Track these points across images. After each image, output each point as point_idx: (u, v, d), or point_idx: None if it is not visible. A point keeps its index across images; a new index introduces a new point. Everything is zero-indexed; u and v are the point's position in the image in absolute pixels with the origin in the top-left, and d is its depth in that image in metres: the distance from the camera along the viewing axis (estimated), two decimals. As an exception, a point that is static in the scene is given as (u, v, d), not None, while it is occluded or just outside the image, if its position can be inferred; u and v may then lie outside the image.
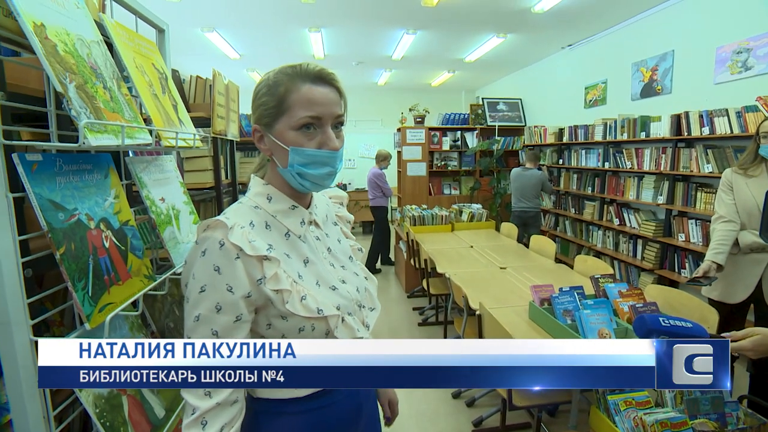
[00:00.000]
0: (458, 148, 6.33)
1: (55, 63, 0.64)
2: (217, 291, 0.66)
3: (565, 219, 5.10)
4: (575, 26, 4.51)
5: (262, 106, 0.73)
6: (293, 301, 0.70)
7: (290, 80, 0.71)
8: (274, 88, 0.72)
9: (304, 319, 0.71)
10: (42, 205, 0.68)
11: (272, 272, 0.69)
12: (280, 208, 0.76)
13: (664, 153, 3.51)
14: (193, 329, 0.66)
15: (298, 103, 0.70)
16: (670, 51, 3.73)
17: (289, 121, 0.71)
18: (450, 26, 4.55)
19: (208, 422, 0.64)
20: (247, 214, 0.73)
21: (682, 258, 3.39)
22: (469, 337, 2.30)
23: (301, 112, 0.70)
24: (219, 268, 0.65)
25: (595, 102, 4.85)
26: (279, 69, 0.74)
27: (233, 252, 0.66)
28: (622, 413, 1.45)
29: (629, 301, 1.78)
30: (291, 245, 0.76)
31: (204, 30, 4.47)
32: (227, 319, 0.66)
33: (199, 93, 2.00)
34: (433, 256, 3.11)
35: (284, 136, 0.71)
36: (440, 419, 2.34)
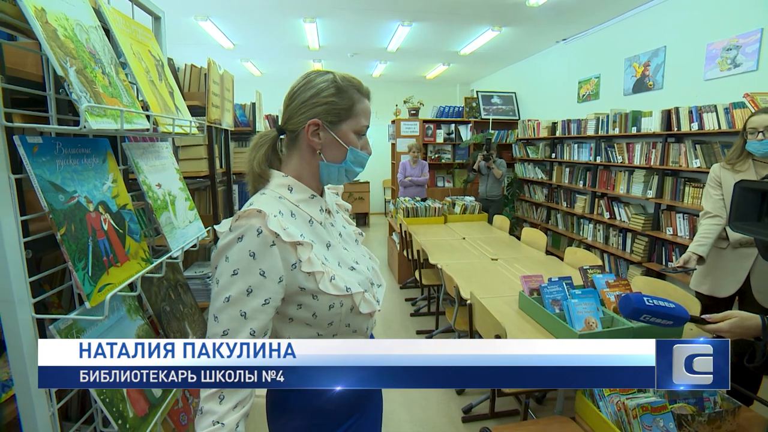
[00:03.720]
0: (452, 141, 6.35)
1: (56, 47, 0.65)
2: (251, 275, 0.70)
3: (556, 212, 5.16)
4: (569, 20, 4.53)
5: (329, 104, 0.80)
6: (325, 281, 0.76)
7: (356, 92, 0.82)
8: (345, 93, 0.81)
9: (334, 297, 0.77)
10: (43, 187, 0.69)
11: (306, 256, 0.75)
12: (301, 197, 0.83)
13: (654, 148, 3.56)
14: (222, 309, 0.70)
15: (362, 113, 0.83)
16: (662, 47, 3.77)
17: (355, 125, 0.82)
18: (445, 18, 4.55)
19: (225, 397, 0.67)
20: (274, 204, 0.78)
21: (669, 251, 3.46)
22: (459, 327, 2.34)
23: (364, 120, 0.83)
24: (255, 253, 0.70)
25: (588, 96, 4.88)
26: (341, 75, 0.82)
27: (270, 238, 0.71)
28: (606, 398, 1.50)
29: (616, 291, 1.83)
30: (314, 231, 0.82)
31: (198, 18, 4.42)
32: (257, 301, 0.71)
33: (194, 82, 2.00)
34: (426, 247, 3.14)
35: (347, 136, 0.82)
36: (431, 406, 2.39)
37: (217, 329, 0.69)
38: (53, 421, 0.74)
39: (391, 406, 2.37)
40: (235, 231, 0.71)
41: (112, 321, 0.90)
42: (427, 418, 2.28)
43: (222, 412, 0.66)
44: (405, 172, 5.08)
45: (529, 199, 5.83)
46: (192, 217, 1.21)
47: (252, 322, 0.70)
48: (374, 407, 0.97)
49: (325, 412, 0.82)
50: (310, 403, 0.81)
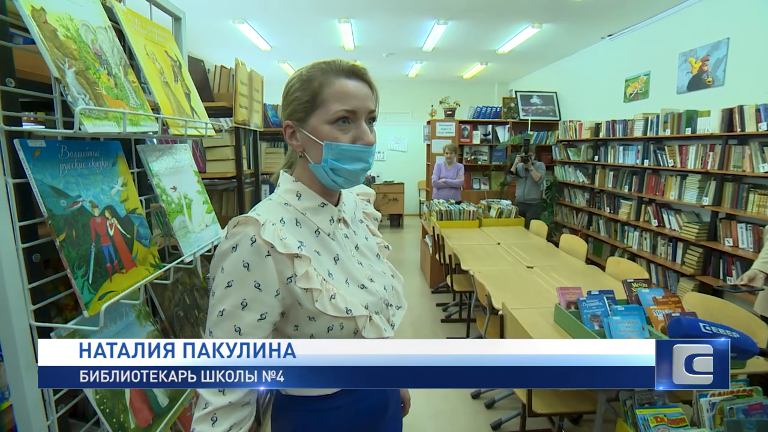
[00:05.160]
0: (489, 143, 6.17)
1: (54, 48, 0.63)
2: (245, 287, 0.65)
3: (598, 218, 4.88)
4: (617, 15, 4.25)
5: (295, 101, 0.72)
6: (323, 300, 0.69)
7: (324, 75, 0.70)
8: (308, 83, 0.70)
9: (332, 319, 0.70)
10: (43, 192, 0.67)
11: (303, 270, 0.68)
12: (309, 205, 0.75)
13: (712, 150, 3.26)
14: (216, 324, 0.65)
15: (333, 96, 0.69)
16: (724, 39, 3.44)
17: (324, 115, 0.69)
18: (482, 16, 4.40)
19: (218, 419, 0.63)
20: (277, 211, 0.72)
21: (728, 264, 3.16)
22: (490, 338, 2.23)
23: (336, 105, 0.69)
24: (248, 264, 0.65)
25: (636, 95, 4.57)
26: (312, 64, 0.72)
27: (264, 249, 0.65)
28: (652, 429, 1.35)
29: (665, 309, 1.66)
30: (321, 243, 0.75)
31: (235, 21, 4.52)
32: (252, 316, 0.65)
33: (224, 83, 2.01)
34: (458, 252, 3.04)
35: (318, 130, 0.70)
36: (459, 419, 2.29)
37: None
38: (52, 430, 0.72)
39: (417, 417, 2.29)
40: (231, 239, 0.66)
41: (120, 327, 0.88)
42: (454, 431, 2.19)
43: None
44: (440, 174, 4.97)
45: (569, 204, 5.54)
46: (209, 220, 1.19)
47: (247, 339, 0.64)
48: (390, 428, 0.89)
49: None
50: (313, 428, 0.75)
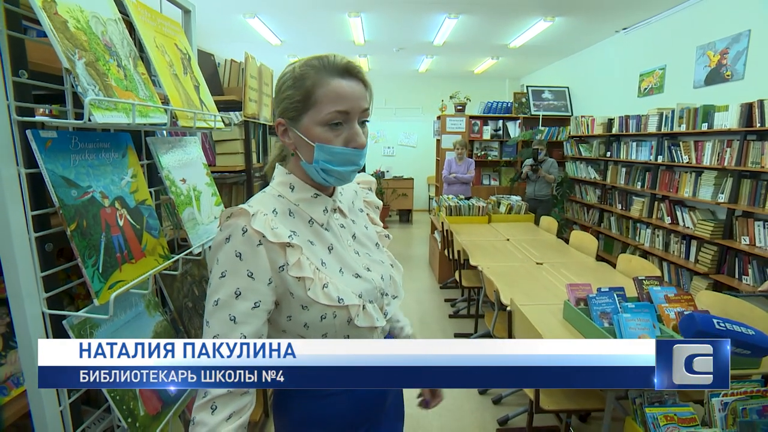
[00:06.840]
0: (499, 138, 6.11)
1: (64, 39, 0.64)
2: (238, 277, 0.66)
3: (610, 215, 4.81)
4: (632, 7, 4.16)
5: (287, 99, 0.71)
6: (315, 288, 0.70)
7: (317, 74, 0.69)
8: (301, 81, 0.69)
9: (325, 307, 0.70)
10: (54, 182, 0.68)
11: (295, 259, 0.69)
12: (302, 196, 0.76)
13: (729, 146, 3.19)
14: (212, 313, 0.66)
15: (326, 97, 0.68)
16: (745, 31, 3.35)
17: (317, 116, 0.69)
18: (494, 10, 4.35)
19: (218, 407, 0.64)
20: (270, 203, 0.73)
21: (744, 263, 3.09)
22: (498, 334, 2.21)
23: (329, 107, 0.68)
24: (241, 254, 0.66)
25: (651, 90, 4.48)
26: (304, 61, 0.71)
27: (255, 238, 0.66)
28: (662, 428, 1.33)
29: (677, 307, 1.63)
30: (314, 232, 0.75)
31: (246, 16, 4.53)
32: (246, 305, 0.66)
33: (234, 77, 2.01)
34: (467, 247, 3.02)
35: (310, 131, 0.70)
36: (465, 415, 2.28)
37: (208, 334, 0.66)
38: (64, 416, 0.73)
39: (422, 413, 2.29)
40: (224, 231, 0.67)
41: (130, 317, 0.90)
42: (459, 428, 2.18)
43: (213, 423, 0.62)
44: (450, 169, 4.94)
45: (580, 200, 5.48)
46: (218, 212, 1.20)
47: (243, 327, 0.65)
48: (390, 418, 0.90)
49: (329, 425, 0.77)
50: (313, 415, 0.76)
